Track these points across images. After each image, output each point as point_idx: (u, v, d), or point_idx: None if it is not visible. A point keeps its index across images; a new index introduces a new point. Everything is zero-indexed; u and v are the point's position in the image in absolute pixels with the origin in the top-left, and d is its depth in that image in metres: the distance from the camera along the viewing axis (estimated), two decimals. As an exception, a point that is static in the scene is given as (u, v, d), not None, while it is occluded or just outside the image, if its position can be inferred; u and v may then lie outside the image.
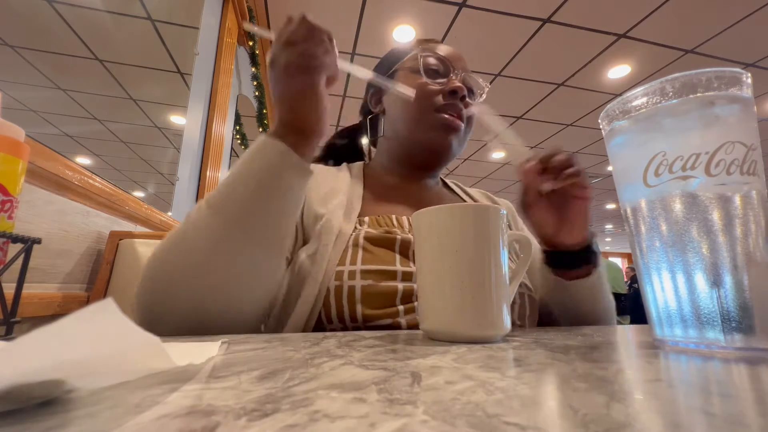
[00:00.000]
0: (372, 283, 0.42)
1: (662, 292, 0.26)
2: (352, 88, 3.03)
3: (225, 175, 0.42)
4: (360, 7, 2.20)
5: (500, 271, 0.30)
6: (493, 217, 0.31)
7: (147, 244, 0.84)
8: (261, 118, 2.19)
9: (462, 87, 0.56)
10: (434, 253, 0.31)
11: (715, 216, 0.24)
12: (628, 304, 4.31)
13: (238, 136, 2.39)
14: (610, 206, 6.67)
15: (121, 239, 0.84)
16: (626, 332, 0.36)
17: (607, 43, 2.49)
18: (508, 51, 2.58)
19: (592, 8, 2.19)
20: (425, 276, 0.32)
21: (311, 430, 0.11)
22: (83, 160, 4.60)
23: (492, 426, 0.11)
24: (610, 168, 0.39)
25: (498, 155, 4.41)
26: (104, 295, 0.79)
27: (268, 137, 0.39)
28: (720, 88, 0.25)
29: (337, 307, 0.42)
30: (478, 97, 0.63)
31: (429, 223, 0.32)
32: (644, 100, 0.27)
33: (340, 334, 0.34)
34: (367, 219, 0.51)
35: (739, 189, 0.24)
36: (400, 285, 0.43)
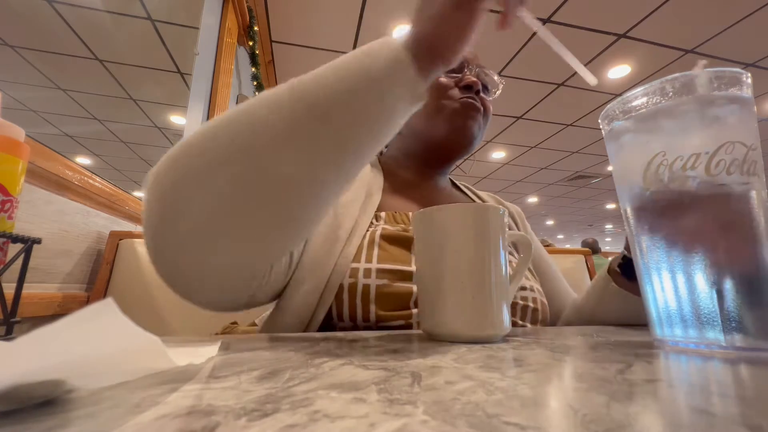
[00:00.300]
0: (387, 283, 0.41)
1: (662, 292, 0.26)
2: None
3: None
4: (360, 7, 2.20)
5: (500, 271, 0.30)
6: (493, 217, 0.31)
7: (147, 244, 0.84)
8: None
9: (477, 81, 0.55)
10: (434, 253, 0.31)
11: (715, 216, 0.24)
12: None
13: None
14: (610, 206, 6.67)
15: (121, 239, 0.84)
16: (626, 332, 0.36)
17: (607, 43, 2.49)
18: (508, 51, 2.58)
19: (592, 8, 2.19)
20: (425, 276, 0.32)
21: (311, 430, 0.11)
22: (83, 160, 4.60)
23: (492, 426, 0.11)
24: (610, 168, 0.38)
25: (498, 155, 4.41)
26: (104, 295, 0.79)
27: (391, 40, 0.32)
28: (720, 88, 0.25)
29: (350, 306, 0.41)
30: (492, 94, 0.61)
31: (429, 223, 0.32)
32: (644, 100, 0.27)
33: (340, 334, 0.34)
34: (383, 214, 0.51)
35: (739, 189, 0.24)
36: (414, 286, 0.42)
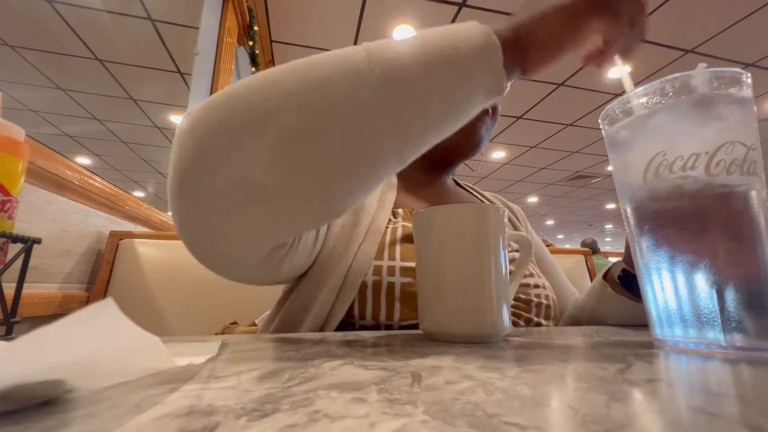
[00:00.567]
0: (412, 281, 0.40)
1: (662, 292, 0.26)
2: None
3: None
4: (360, 7, 2.20)
5: (500, 271, 0.30)
6: (493, 217, 0.31)
7: (147, 244, 0.84)
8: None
9: None
10: (434, 253, 0.31)
11: (715, 216, 0.24)
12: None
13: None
14: (610, 206, 6.67)
15: (121, 239, 0.84)
16: (626, 332, 0.36)
17: (607, 43, 2.49)
18: (508, 51, 2.58)
19: (592, 8, 2.19)
20: (425, 276, 0.32)
21: (311, 430, 0.11)
22: (83, 160, 4.60)
23: (492, 426, 0.11)
24: (610, 168, 0.38)
25: (498, 155, 4.41)
26: (104, 295, 0.79)
27: (479, 24, 0.30)
28: (720, 88, 0.25)
29: (374, 304, 0.40)
30: None
31: (429, 223, 0.32)
32: (644, 100, 0.27)
33: (339, 334, 0.34)
34: (401, 211, 0.50)
35: (739, 189, 0.24)
36: None
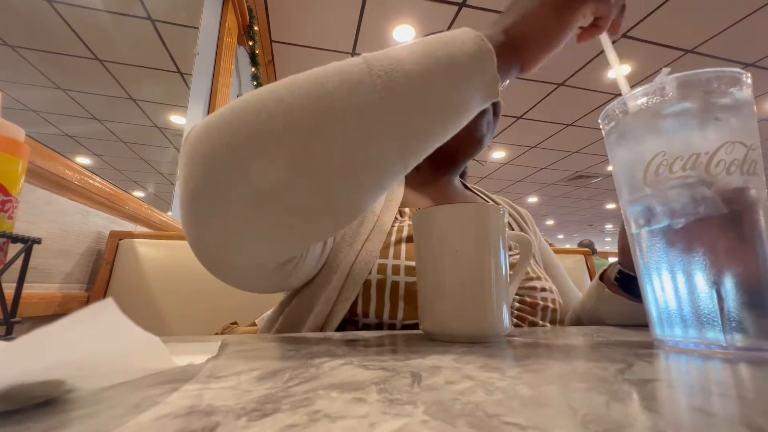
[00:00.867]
0: (416, 280, 0.40)
1: (662, 292, 0.26)
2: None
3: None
4: (360, 7, 2.20)
5: (500, 271, 0.30)
6: (493, 217, 0.31)
7: (147, 244, 0.84)
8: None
9: None
10: (434, 253, 0.31)
11: (715, 216, 0.24)
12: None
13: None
14: (610, 206, 6.67)
15: (121, 239, 0.84)
16: (626, 332, 0.36)
17: (607, 43, 2.49)
18: (508, 51, 2.58)
19: (592, 8, 2.19)
20: (425, 276, 0.32)
21: (311, 430, 0.11)
22: (83, 160, 4.60)
23: (492, 426, 0.11)
24: (610, 168, 0.38)
25: (498, 155, 4.41)
26: (104, 295, 0.79)
27: (470, 30, 0.30)
28: (720, 88, 0.25)
29: (378, 303, 0.40)
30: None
31: (429, 223, 0.32)
32: (644, 100, 0.27)
33: (339, 334, 0.34)
34: (407, 210, 0.51)
35: (739, 189, 0.24)
36: None
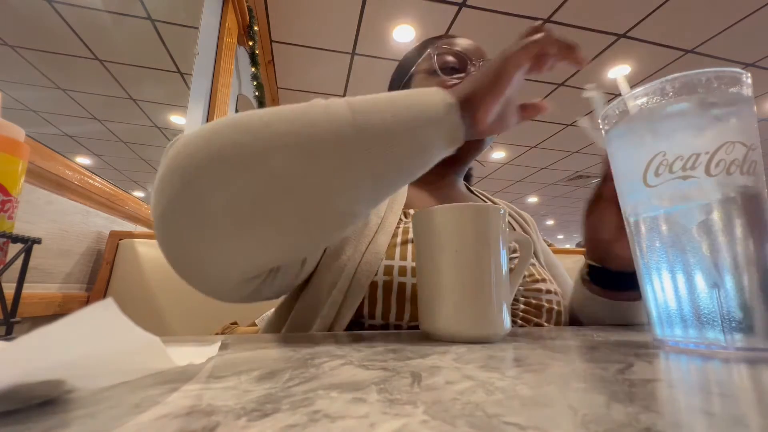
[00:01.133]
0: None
1: (662, 292, 0.26)
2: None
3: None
4: (360, 7, 2.20)
5: (500, 271, 0.30)
6: (493, 217, 0.31)
7: (147, 244, 0.84)
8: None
9: None
10: (434, 253, 0.31)
11: (715, 216, 0.24)
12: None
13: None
14: (610, 206, 6.66)
15: (121, 239, 0.84)
16: (626, 332, 0.36)
17: (607, 43, 2.49)
18: (508, 51, 2.58)
19: (592, 8, 2.19)
20: (425, 276, 0.32)
21: (311, 430, 0.11)
22: (83, 160, 4.60)
23: (492, 426, 0.11)
24: (610, 168, 0.38)
25: (498, 155, 4.41)
26: (104, 295, 0.79)
27: (442, 91, 0.33)
28: (720, 88, 0.25)
29: (385, 304, 0.40)
30: None
31: (429, 223, 0.32)
32: (644, 100, 0.27)
33: (339, 334, 0.34)
34: (412, 211, 0.51)
35: (739, 189, 0.24)
36: None
